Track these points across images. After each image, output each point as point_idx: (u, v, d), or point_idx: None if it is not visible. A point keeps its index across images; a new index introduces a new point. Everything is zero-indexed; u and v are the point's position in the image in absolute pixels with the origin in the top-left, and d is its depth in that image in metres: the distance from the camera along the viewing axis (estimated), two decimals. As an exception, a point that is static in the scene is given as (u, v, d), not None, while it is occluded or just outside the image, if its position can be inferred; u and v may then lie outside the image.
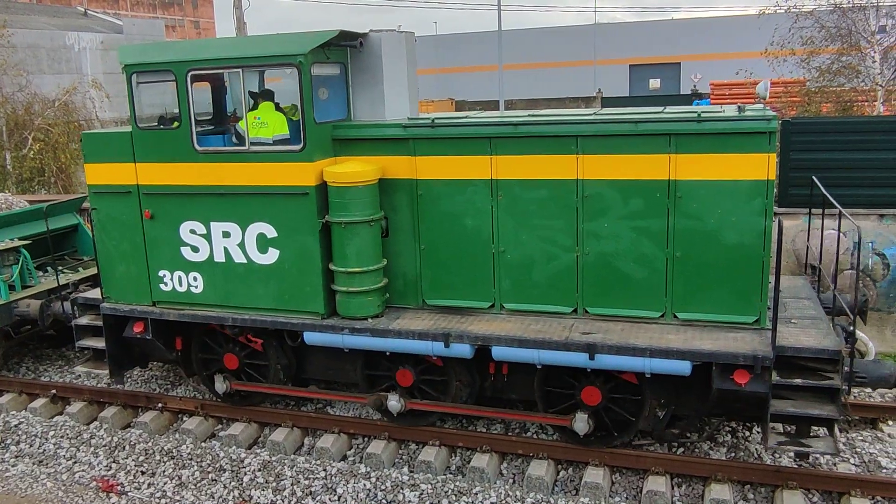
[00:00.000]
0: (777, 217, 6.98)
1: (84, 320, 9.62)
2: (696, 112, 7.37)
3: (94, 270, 11.34)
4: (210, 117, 9.74)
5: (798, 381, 7.02)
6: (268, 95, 8.59)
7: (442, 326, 7.95)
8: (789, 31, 21.85)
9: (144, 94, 8.73)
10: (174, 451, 8.76)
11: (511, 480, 8.10)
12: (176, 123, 9.05)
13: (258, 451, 8.84)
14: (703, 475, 7.70)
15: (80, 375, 10.83)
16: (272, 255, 8.37)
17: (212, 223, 8.53)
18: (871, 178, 11.16)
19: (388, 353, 8.33)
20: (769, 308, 7.39)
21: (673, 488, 7.66)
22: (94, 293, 9.79)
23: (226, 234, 8.50)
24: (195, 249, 8.67)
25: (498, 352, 7.71)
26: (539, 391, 8.20)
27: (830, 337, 7.26)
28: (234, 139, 8.84)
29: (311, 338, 8.38)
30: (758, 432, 8.47)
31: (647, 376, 7.40)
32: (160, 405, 9.74)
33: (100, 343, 9.49)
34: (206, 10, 72.43)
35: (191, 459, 8.59)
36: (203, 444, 8.92)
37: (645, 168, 7.47)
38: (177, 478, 8.33)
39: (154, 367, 10.95)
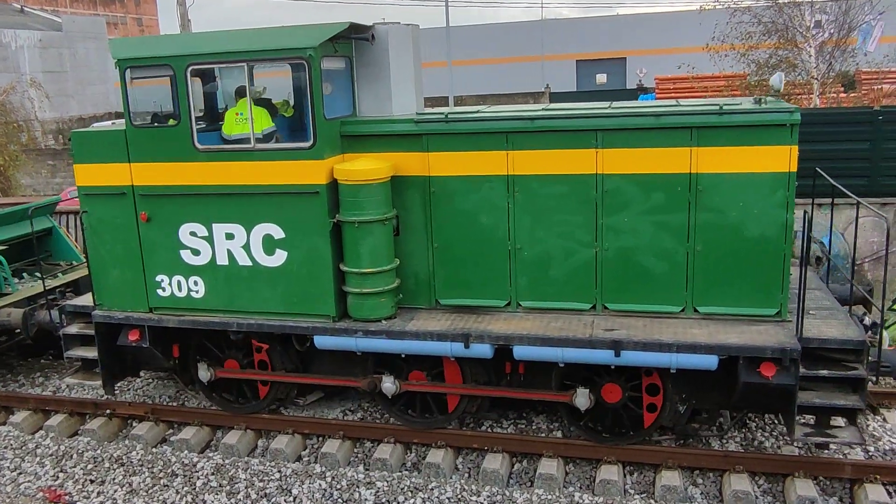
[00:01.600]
0: (804, 210, 7.00)
1: (73, 329, 9.14)
2: (717, 104, 7.34)
3: (74, 276, 10.86)
4: (200, 114, 9.35)
5: (824, 372, 7.05)
6: (243, 92, 8.25)
7: (460, 326, 7.77)
8: (728, 25, 22.35)
9: (134, 91, 8.30)
10: (124, 457, 8.49)
11: (467, 475, 8.15)
12: (172, 121, 8.70)
13: (211, 454, 8.66)
14: (654, 463, 7.87)
15: (70, 387, 10.31)
16: (280, 257, 8.06)
17: (214, 225, 8.18)
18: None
19: (402, 356, 8.11)
20: (790, 300, 7.44)
21: (625, 476, 7.83)
22: (83, 300, 9.32)
23: (229, 236, 8.16)
24: (196, 252, 8.30)
25: (520, 351, 7.56)
26: (558, 389, 8.08)
27: (852, 327, 7.31)
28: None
29: (321, 342, 8.10)
30: (768, 420, 8.53)
31: (673, 372, 7.35)
32: (108, 411, 9.46)
33: (90, 353, 9.03)
34: (149, 7, 70.53)
35: (141, 465, 8.32)
36: (154, 450, 8.72)
37: (666, 161, 7.41)
38: (127, 485, 8.03)
39: (144, 376, 10.50)
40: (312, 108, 7.62)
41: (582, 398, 7.78)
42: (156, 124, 8.50)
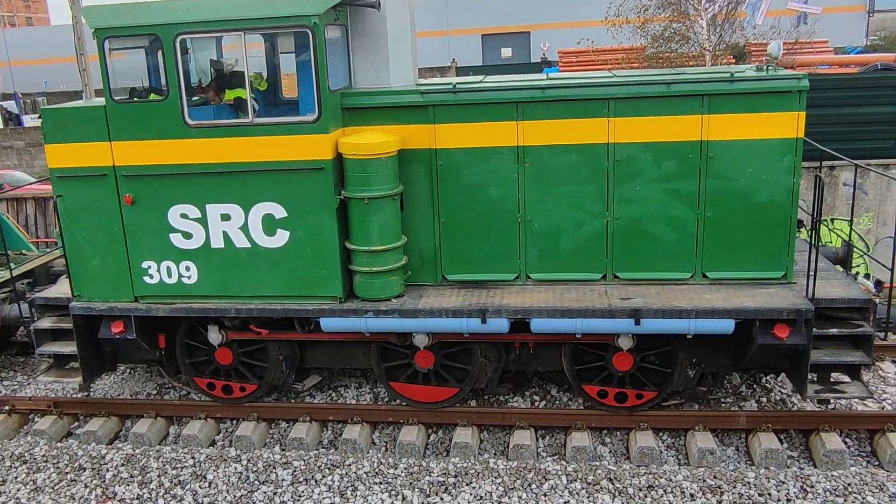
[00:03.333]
0: (816, 173, 7.19)
1: (45, 323, 8.47)
2: (728, 72, 7.43)
3: (29, 266, 10.08)
4: (154, 89, 8.78)
5: (834, 330, 7.31)
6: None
7: (475, 302, 7.63)
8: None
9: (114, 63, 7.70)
10: (26, 454, 8.04)
11: (384, 448, 8.20)
12: (154, 95, 8.17)
13: (120, 445, 8.35)
14: (564, 425, 8.10)
15: (45, 386, 9.58)
16: (281, 238, 7.69)
17: (208, 206, 7.71)
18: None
19: (413, 335, 7.91)
20: (795, 263, 7.66)
21: (538, 440, 8.03)
22: (55, 291, 8.65)
23: (225, 217, 7.72)
24: (187, 236, 7.81)
25: (538, 324, 7.50)
26: (569, 360, 8.08)
27: (854, 287, 7.60)
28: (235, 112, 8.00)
29: (328, 324, 7.80)
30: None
31: (689, 337, 7.45)
32: (7, 408, 8.93)
33: (66, 348, 8.41)
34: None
35: (46, 462, 7.89)
36: (59, 445, 8.27)
37: (677, 129, 7.46)
38: (31, 483, 7.60)
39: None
40: (317, 79, 7.25)
41: (625, 340, 7.75)
42: (135, 99, 7.93)
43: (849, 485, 6.81)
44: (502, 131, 7.66)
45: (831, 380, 7.70)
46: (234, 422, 8.69)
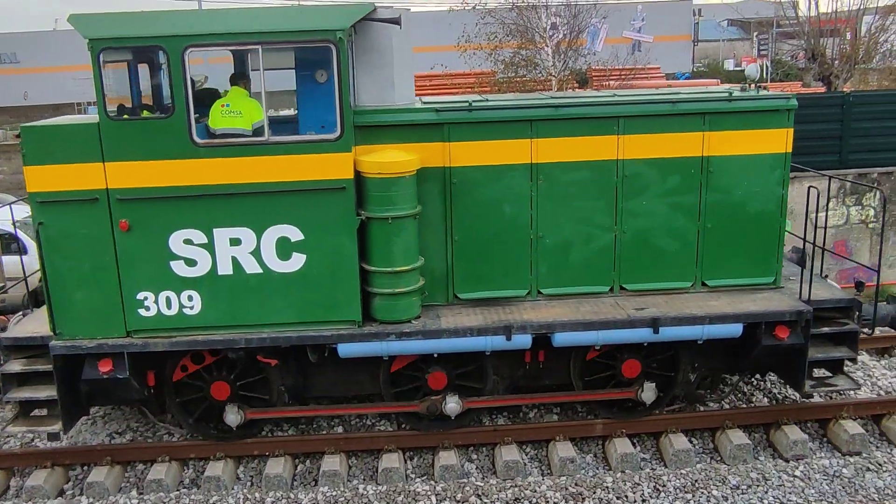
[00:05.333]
0: (810, 185, 7.82)
1: (16, 366, 7.57)
2: (727, 91, 7.93)
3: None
4: (146, 105, 8.21)
5: (826, 329, 7.94)
6: (242, 79, 7.49)
7: (497, 319, 7.64)
8: (476, 26, 24.20)
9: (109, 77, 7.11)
10: None
11: (249, 483, 7.98)
12: (146, 112, 7.61)
13: None
14: (431, 445, 8.22)
15: (13, 437, 8.53)
16: (297, 261, 7.35)
17: (215, 230, 7.24)
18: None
19: (435, 357, 7.79)
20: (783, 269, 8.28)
21: (406, 462, 8.10)
22: (23, 330, 7.76)
23: (235, 242, 7.28)
24: (191, 263, 7.29)
25: (561, 338, 7.62)
26: (578, 372, 8.25)
27: (834, 289, 8.31)
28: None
29: (347, 349, 7.53)
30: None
31: (700, 343, 7.83)
32: None
33: (41, 392, 7.56)
34: None
35: None
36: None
37: (681, 146, 7.87)
38: None
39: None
40: (340, 96, 7.04)
41: (649, 392, 8.08)
42: (125, 116, 7.34)
43: (696, 481, 7.37)
44: (517, 149, 7.76)
45: (813, 375, 8.34)
46: (85, 468, 8.08)
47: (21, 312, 8.42)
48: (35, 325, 7.86)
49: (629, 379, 8.21)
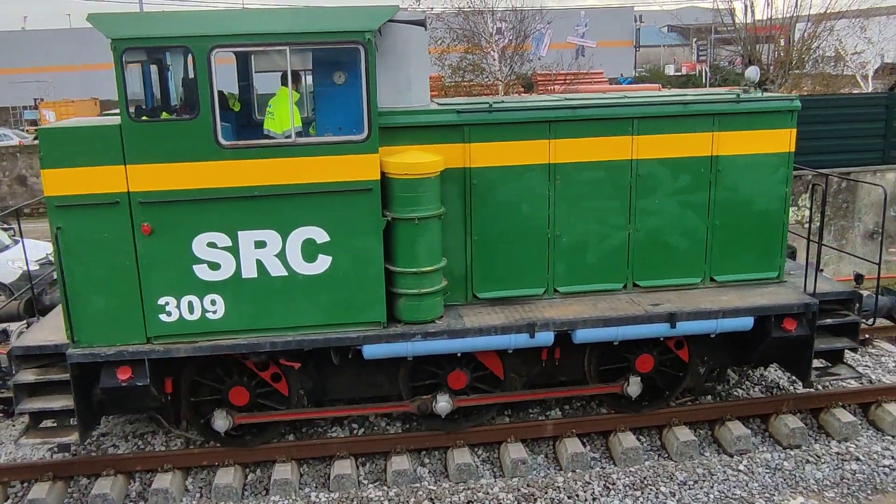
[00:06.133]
0: (815, 182, 8.12)
1: (28, 376, 7.32)
2: (735, 93, 8.20)
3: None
4: (152, 106, 8.08)
5: (829, 321, 8.27)
6: (293, 79, 7.43)
7: (520, 317, 7.73)
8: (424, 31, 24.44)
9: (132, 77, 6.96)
10: None
11: (199, 494, 7.84)
12: (165, 114, 7.49)
13: None
14: (384, 450, 8.21)
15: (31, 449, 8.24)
16: (322, 263, 7.31)
17: (240, 233, 7.15)
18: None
19: (459, 356, 7.83)
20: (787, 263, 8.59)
21: (358, 468, 8.09)
22: (33, 339, 7.51)
23: (259, 245, 7.20)
24: (214, 266, 7.18)
25: (583, 334, 7.75)
26: (592, 367, 8.40)
27: (833, 282, 8.66)
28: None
29: (372, 351, 7.51)
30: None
31: (713, 336, 8.07)
32: None
33: (56, 402, 7.33)
34: None
35: None
36: None
37: (691, 146, 8.10)
38: None
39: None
40: (367, 96, 7.04)
41: (634, 386, 8.29)
42: (144, 118, 7.19)
43: (644, 478, 7.55)
44: (535, 149, 7.87)
45: (813, 366, 8.66)
46: (25, 484, 7.80)
47: (25, 322, 8.15)
48: (45, 333, 7.62)
49: (644, 374, 8.39)
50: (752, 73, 8.72)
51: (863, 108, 16.16)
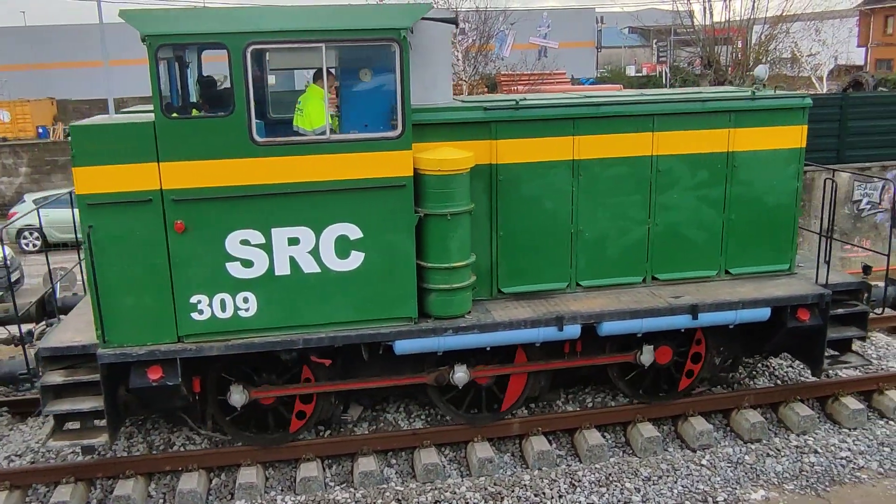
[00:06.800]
0: (828, 178, 8.40)
1: (56, 378, 7.19)
2: (750, 91, 8.41)
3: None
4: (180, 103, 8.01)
5: (841, 311, 8.55)
6: (318, 77, 7.44)
7: (547, 311, 7.84)
8: None
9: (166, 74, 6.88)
10: None
11: (162, 500, 7.74)
12: (196, 112, 7.43)
13: None
14: (350, 452, 8.17)
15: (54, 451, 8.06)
16: (355, 260, 7.32)
17: (273, 230, 7.13)
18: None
19: (487, 350, 7.90)
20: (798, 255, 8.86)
21: (325, 470, 8.03)
22: (58, 339, 7.37)
23: (293, 241, 7.18)
24: (247, 264, 7.15)
25: (609, 327, 7.89)
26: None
27: (842, 273, 8.94)
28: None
29: (403, 346, 7.55)
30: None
31: (731, 328, 8.27)
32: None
33: (81, 404, 7.21)
34: None
35: None
36: None
37: (709, 142, 8.30)
38: None
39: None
40: (402, 93, 7.07)
41: (647, 355, 8.37)
42: (175, 115, 7.11)
43: (610, 475, 7.64)
44: (560, 146, 7.99)
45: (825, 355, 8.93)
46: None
47: (44, 322, 8.01)
48: (69, 334, 7.50)
49: (662, 365, 8.57)
50: (761, 71, 8.96)
51: (818, 109, 16.69)
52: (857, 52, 56.98)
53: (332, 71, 7.73)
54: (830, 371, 8.91)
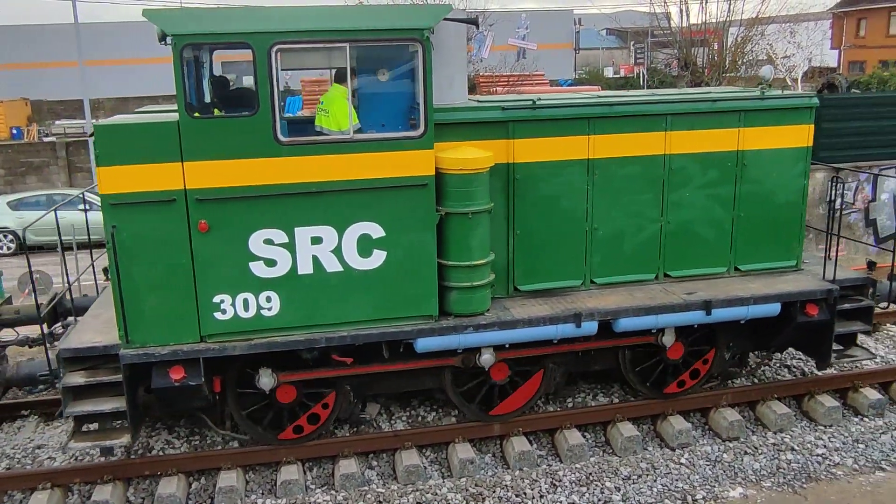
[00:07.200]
0: (833, 175, 8.59)
1: (78, 379, 7.14)
2: (759, 91, 8.58)
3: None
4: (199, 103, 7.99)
5: (847, 306, 8.74)
6: (341, 76, 7.47)
7: (565, 308, 7.94)
8: None
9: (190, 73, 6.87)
10: None
11: None
12: (217, 111, 7.42)
13: None
14: (331, 455, 8.13)
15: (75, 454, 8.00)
16: (377, 258, 7.36)
17: (297, 229, 7.15)
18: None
19: (507, 347, 7.98)
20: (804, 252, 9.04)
21: (305, 473, 7.98)
22: (78, 340, 7.33)
23: (316, 241, 7.21)
24: (270, 263, 7.16)
25: (625, 323, 8.01)
26: (626, 357, 8.67)
27: (846, 270, 9.14)
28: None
29: (425, 344, 7.61)
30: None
31: (742, 322, 8.42)
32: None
33: (102, 405, 7.17)
34: None
35: None
36: None
37: (720, 141, 8.45)
38: None
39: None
40: (424, 93, 7.13)
41: (669, 336, 8.46)
42: (196, 114, 7.10)
43: (590, 474, 7.67)
44: (575, 145, 8.09)
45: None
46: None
47: (60, 324, 7.95)
48: (89, 334, 7.46)
49: (674, 361, 8.71)
50: (767, 72, 9.17)
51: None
52: (830, 55, 58.00)
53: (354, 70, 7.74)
54: (839, 364, 9.09)
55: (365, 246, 7.31)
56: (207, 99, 8.28)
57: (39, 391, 8.76)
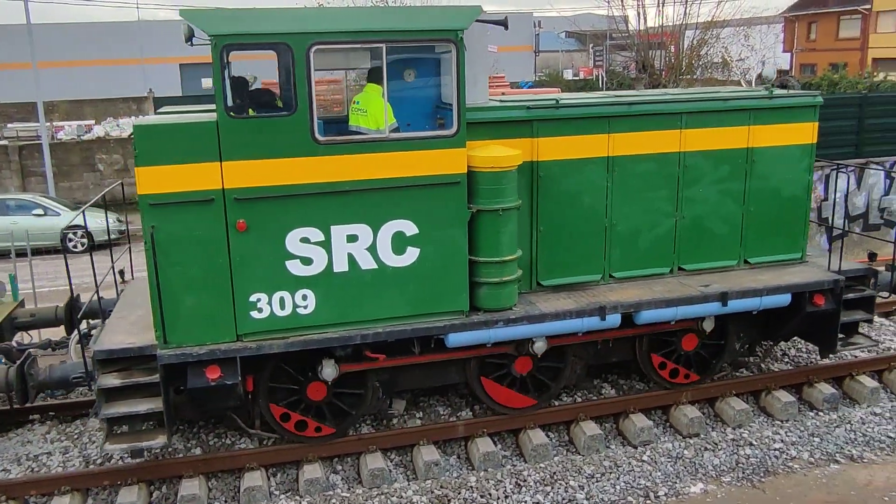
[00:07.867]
0: (833, 169, 8.94)
1: (114, 380, 7.09)
2: (768, 90, 8.89)
3: None
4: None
5: (851, 295, 9.10)
6: (377, 76, 7.55)
7: (589, 301, 8.14)
8: None
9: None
10: None
11: None
12: (251, 111, 7.44)
13: None
14: (295, 460, 8.07)
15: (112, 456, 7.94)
16: (411, 255, 7.47)
17: (333, 227, 7.22)
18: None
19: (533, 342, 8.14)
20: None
21: (269, 479, 7.92)
22: (111, 341, 7.27)
23: (352, 238, 7.28)
24: (307, 262, 7.21)
25: (647, 315, 8.24)
26: (643, 349, 8.91)
27: (849, 261, 9.51)
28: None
29: (456, 339, 7.72)
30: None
31: (754, 313, 8.73)
32: None
33: (137, 406, 7.14)
34: None
35: None
36: None
37: (731, 138, 8.75)
38: None
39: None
40: (458, 92, 7.26)
41: (709, 322, 8.71)
42: (232, 114, 7.12)
43: (554, 473, 7.71)
44: (596, 143, 8.30)
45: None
46: None
47: (86, 326, 7.87)
48: (120, 336, 7.41)
49: (688, 352, 8.98)
50: (769, 71, 9.47)
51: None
52: (783, 57, 59.55)
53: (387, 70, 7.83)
54: (844, 352, 9.45)
55: (399, 243, 7.40)
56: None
57: (59, 394, 8.63)
